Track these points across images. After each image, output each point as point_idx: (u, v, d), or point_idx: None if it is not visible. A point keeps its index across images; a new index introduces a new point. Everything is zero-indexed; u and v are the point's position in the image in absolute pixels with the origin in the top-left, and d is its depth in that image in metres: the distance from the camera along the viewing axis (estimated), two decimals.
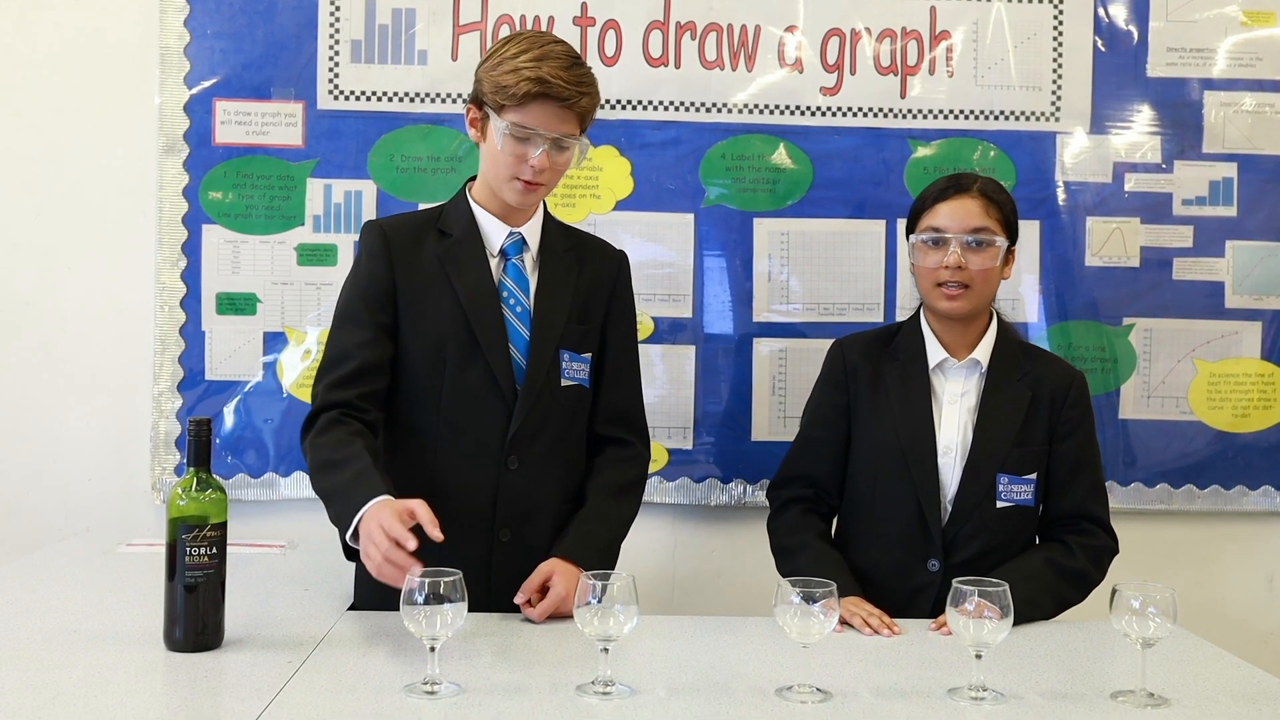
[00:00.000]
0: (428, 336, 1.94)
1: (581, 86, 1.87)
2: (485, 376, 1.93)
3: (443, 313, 1.93)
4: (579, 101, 1.87)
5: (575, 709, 1.48)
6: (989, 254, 2.04)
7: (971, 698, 1.55)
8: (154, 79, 2.69)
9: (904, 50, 2.74)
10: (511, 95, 1.84)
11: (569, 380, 1.99)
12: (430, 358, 1.94)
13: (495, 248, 1.97)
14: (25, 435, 2.74)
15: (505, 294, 1.96)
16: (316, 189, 2.69)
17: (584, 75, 1.89)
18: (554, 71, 1.84)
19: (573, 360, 1.99)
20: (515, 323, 1.96)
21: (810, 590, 1.53)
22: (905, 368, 2.11)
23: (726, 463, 2.74)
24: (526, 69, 1.83)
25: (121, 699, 1.47)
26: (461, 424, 1.93)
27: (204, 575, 1.64)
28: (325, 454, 1.84)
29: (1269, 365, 2.78)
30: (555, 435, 1.98)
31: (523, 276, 1.98)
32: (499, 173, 1.91)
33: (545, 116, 1.86)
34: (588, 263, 2.05)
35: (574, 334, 2.00)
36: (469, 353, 1.93)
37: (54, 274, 2.73)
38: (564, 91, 1.84)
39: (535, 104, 1.85)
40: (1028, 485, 2.06)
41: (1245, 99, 2.76)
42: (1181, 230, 2.76)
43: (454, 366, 1.93)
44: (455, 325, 1.93)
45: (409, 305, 1.94)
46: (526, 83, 1.83)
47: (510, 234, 1.97)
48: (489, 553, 1.95)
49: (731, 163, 2.73)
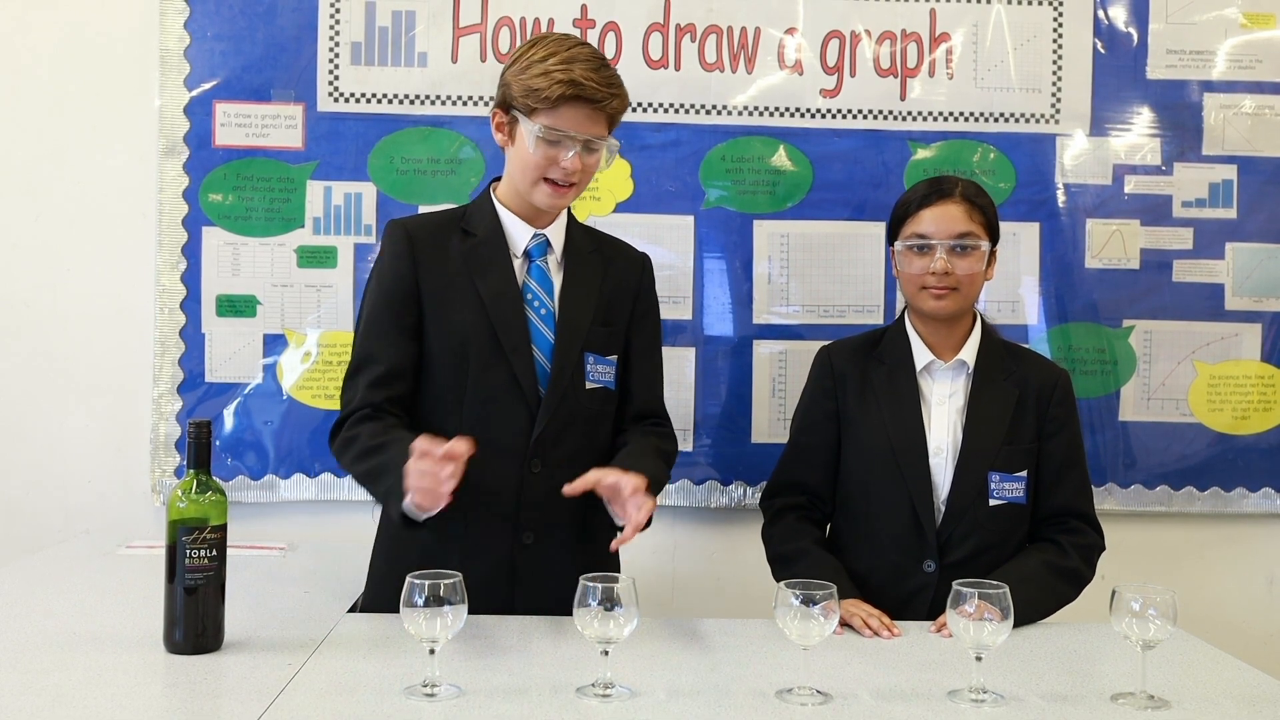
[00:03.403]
0: (451, 338, 1.93)
1: (612, 88, 1.88)
2: (508, 379, 1.92)
3: (466, 314, 1.93)
4: (610, 103, 1.87)
5: (575, 711, 1.48)
6: (974, 258, 2.05)
7: (972, 700, 1.55)
8: (154, 81, 2.69)
9: (904, 52, 2.74)
10: (544, 98, 1.84)
11: (594, 383, 1.98)
12: (453, 359, 1.93)
13: (519, 249, 1.97)
14: (25, 437, 2.74)
15: (529, 296, 1.95)
16: (316, 191, 2.69)
17: (613, 77, 1.89)
18: (585, 74, 1.84)
19: (598, 363, 1.99)
20: (539, 325, 1.95)
21: (810, 593, 1.53)
22: (892, 371, 2.12)
23: (726, 465, 2.74)
24: (558, 71, 1.83)
25: (121, 701, 1.47)
26: (485, 426, 1.91)
27: (204, 577, 1.65)
28: (365, 442, 1.84)
29: (1269, 367, 2.78)
30: (580, 438, 1.97)
31: (547, 278, 1.97)
32: (529, 176, 1.90)
33: (577, 119, 1.86)
34: (611, 265, 2.04)
35: (598, 336, 1.99)
36: (492, 355, 1.92)
37: (54, 276, 2.73)
38: (596, 93, 1.85)
39: (567, 106, 1.85)
40: (1019, 483, 2.07)
41: (1245, 101, 2.76)
42: (1181, 232, 2.76)
43: (477, 368, 1.92)
44: (478, 327, 1.92)
45: (432, 306, 1.94)
46: (559, 85, 1.83)
47: (534, 235, 1.97)
48: (512, 556, 1.94)
49: (731, 165, 2.73)
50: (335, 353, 2.68)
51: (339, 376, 2.63)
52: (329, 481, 2.69)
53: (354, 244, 2.69)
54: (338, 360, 2.67)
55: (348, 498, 2.67)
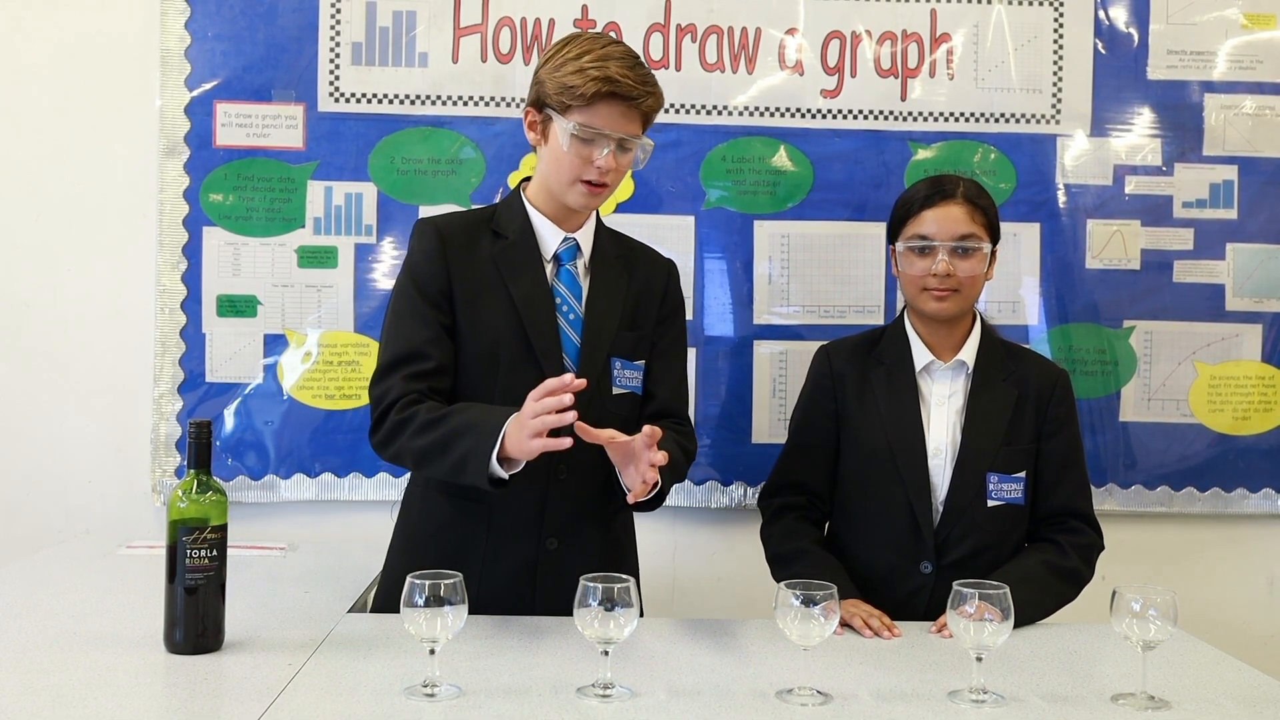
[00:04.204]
0: (482, 340, 1.92)
1: (647, 85, 1.86)
2: (537, 381, 1.87)
3: (497, 316, 1.91)
4: (645, 100, 1.86)
5: (575, 711, 1.48)
6: (976, 260, 2.05)
7: (972, 700, 1.55)
8: (155, 81, 2.69)
9: (904, 53, 2.74)
10: (579, 95, 1.82)
11: (621, 388, 1.97)
12: (484, 361, 1.92)
13: (549, 252, 1.95)
14: (25, 437, 2.74)
15: (558, 300, 1.94)
16: (317, 191, 2.69)
17: (648, 75, 1.88)
18: (621, 71, 1.83)
19: (625, 368, 1.97)
20: (567, 329, 1.94)
21: (810, 593, 1.53)
22: (891, 371, 2.12)
23: (727, 465, 2.74)
24: (593, 69, 1.82)
25: (121, 701, 1.47)
26: None
27: (204, 577, 1.65)
28: (425, 416, 1.80)
29: (1269, 368, 2.78)
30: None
31: (576, 283, 1.96)
32: (563, 175, 1.89)
33: (612, 117, 1.85)
34: (638, 270, 2.03)
35: (625, 342, 1.97)
36: (522, 358, 1.90)
37: (54, 276, 2.73)
38: (632, 90, 1.84)
39: (602, 104, 1.83)
40: (1017, 484, 2.07)
41: (1246, 101, 2.76)
42: (1182, 233, 2.76)
43: (506, 370, 1.91)
44: (510, 330, 1.90)
45: (464, 307, 1.92)
46: (594, 83, 1.81)
47: (565, 239, 1.96)
48: (535, 561, 1.93)
49: (732, 165, 2.73)
50: (336, 353, 2.68)
51: (339, 377, 2.62)
52: (329, 481, 2.69)
53: (354, 244, 2.69)
54: (338, 360, 2.67)
55: (348, 498, 2.68)
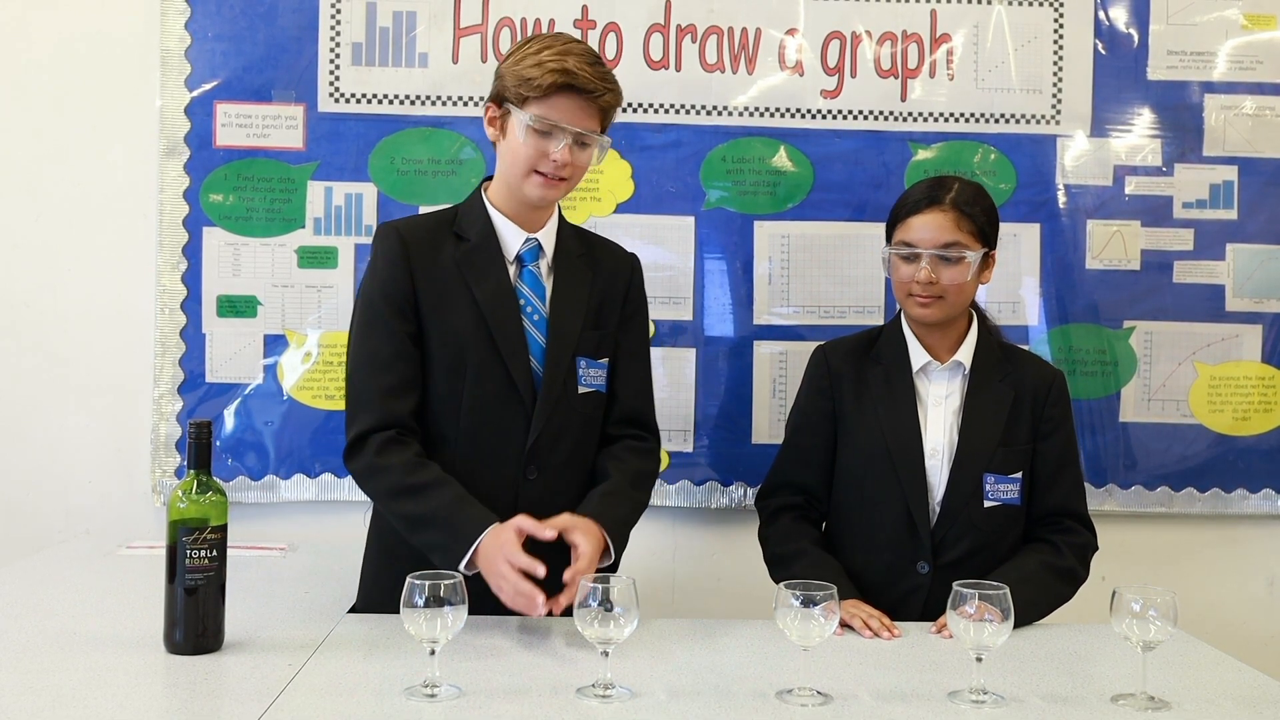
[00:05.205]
0: (448, 344, 1.92)
1: (606, 82, 1.88)
2: (505, 385, 1.91)
3: (463, 320, 1.91)
4: (603, 96, 1.87)
5: (575, 712, 1.48)
6: (960, 268, 2.04)
7: (972, 701, 1.55)
8: (155, 81, 2.69)
9: (904, 53, 2.74)
10: (536, 87, 1.84)
11: (586, 387, 1.98)
12: (451, 365, 1.92)
13: (512, 253, 1.96)
14: (25, 437, 2.74)
15: (522, 301, 1.94)
16: (317, 191, 2.69)
17: (607, 73, 1.90)
18: (579, 65, 1.84)
19: (590, 366, 1.98)
20: (532, 330, 1.94)
21: (810, 593, 1.53)
22: (888, 371, 2.12)
23: (727, 466, 2.74)
24: (551, 61, 1.83)
25: (121, 701, 1.47)
26: (481, 432, 1.91)
27: (204, 578, 1.65)
28: (398, 477, 1.83)
29: (1269, 368, 2.77)
30: (574, 443, 1.97)
31: (539, 283, 1.96)
32: (519, 168, 1.89)
33: (569, 110, 1.86)
34: (601, 267, 2.04)
35: (590, 340, 1.98)
36: (489, 361, 1.91)
37: (54, 276, 2.73)
38: (589, 84, 1.85)
39: (559, 96, 1.85)
40: (1013, 484, 2.07)
41: (1246, 102, 2.76)
42: (1182, 233, 2.76)
43: (474, 374, 1.91)
44: (475, 333, 1.91)
45: (429, 312, 1.92)
46: (551, 74, 1.83)
47: (527, 240, 1.96)
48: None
49: (732, 165, 2.73)
50: (336, 353, 2.68)
51: (340, 377, 2.63)
52: (329, 482, 2.69)
53: (354, 244, 2.69)
54: (338, 361, 2.67)
55: (348, 498, 2.67)
